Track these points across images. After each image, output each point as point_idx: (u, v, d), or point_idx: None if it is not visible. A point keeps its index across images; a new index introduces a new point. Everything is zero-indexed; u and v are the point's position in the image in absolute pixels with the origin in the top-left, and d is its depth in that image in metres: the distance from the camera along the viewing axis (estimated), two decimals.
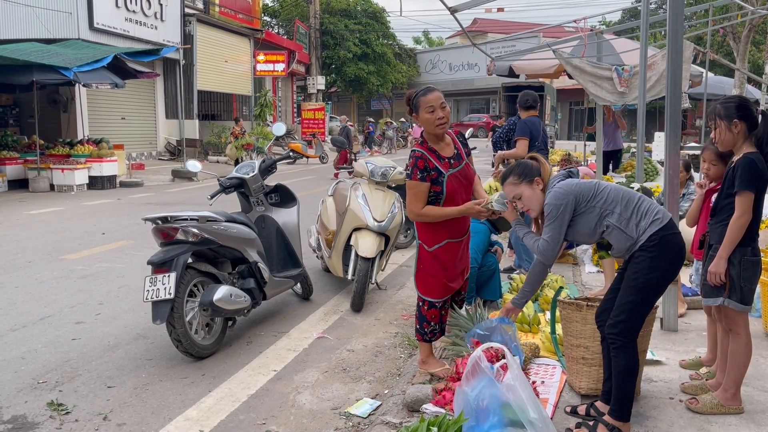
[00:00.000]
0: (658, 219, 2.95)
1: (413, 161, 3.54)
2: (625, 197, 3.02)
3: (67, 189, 13.87)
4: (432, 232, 3.66)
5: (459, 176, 3.61)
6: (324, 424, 3.40)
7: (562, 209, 3.02)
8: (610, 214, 3.00)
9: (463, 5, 6.81)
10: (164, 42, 19.49)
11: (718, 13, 12.73)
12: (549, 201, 3.06)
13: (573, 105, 39.95)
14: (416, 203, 3.54)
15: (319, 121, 29.84)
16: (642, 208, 2.99)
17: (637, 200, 3.02)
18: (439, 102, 3.52)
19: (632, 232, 2.96)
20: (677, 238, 2.99)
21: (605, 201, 3.02)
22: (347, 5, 39.12)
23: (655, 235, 2.92)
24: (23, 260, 7.15)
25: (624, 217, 2.98)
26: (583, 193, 3.04)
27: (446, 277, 3.73)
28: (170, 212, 4.33)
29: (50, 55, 13.24)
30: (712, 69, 15.59)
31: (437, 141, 3.61)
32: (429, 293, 3.75)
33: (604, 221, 3.01)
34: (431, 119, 3.50)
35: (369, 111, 45.97)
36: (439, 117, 3.50)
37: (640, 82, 6.06)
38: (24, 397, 3.73)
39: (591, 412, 3.17)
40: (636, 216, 2.97)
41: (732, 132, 3.14)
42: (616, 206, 3.00)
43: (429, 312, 3.78)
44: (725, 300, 3.16)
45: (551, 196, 3.06)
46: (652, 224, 2.94)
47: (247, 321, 5.04)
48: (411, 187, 3.55)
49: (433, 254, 3.68)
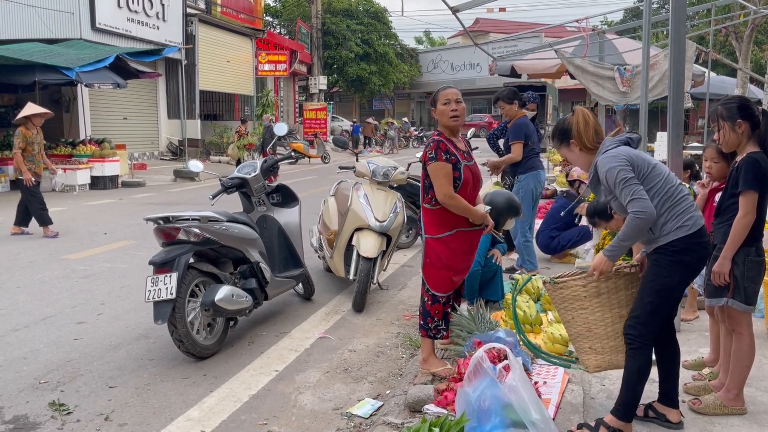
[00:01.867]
0: (687, 226, 2.85)
1: (435, 144, 3.64)
2: (669, 192, 2.89)
3: (69, 189, 13.88)
4: (444, 219, 3.70)
5: (471, 170, 3.74)
6: (325, 425, 3.39)
7: (621, 170, 2.82)
8: None
9: (464, 5, 6.81)
10: (166, 42, 19.50)
11: (720, 12, 12.72)
12: (604, 167, 2.87)
13: (575, 105, 39.89)
14: (448, 185, 3.60)
15: (321, 121, 29.85)
16: (677, 208, 2.87)
17: (678, 198, 2.89)
18: (455, 96, 3.71)
19: (656, 228, 2.88)
20: (702, 247, 2.92)
21: (652, 186, 2.87)
22: (349, 5, 39.09)
23: (677, 241, 2.85)
24: (25, 260, 7.16)
25: (660, 211, 2.86)
26: (638, 163, 2.88)
27: (452, 268, 3.75)
28: (172, 212, 4.33)
29: (52, 55, 13.26)
30: (715, 69, 15.55)
31: (453, 136, 3.77)
32: (436, 287, 3.79)
33: None
34: (446, 110, 3.68)
35: (371, 111, 45.96)
36: (453, 109, 3.67)
37: (642, 82, 6.05)
38: (26, 397, 3.73)
39: (650, 413, 3.12)
40: (667, 214, 2.87)
41: (736, 132, 3.15)
42: (657, 197, 2.86)
43: (433, 307, 3.81)
44: (729, 300, 3.16)
45: (604, 162, 2.88)
46: (678, 230, 2.86)
47: (248, 321, 5.04)
48: (439, 169, 3.61)
49: (443, 242, 3.71)
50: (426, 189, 3.75)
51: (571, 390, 3.50)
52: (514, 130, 6.17)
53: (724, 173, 3.57)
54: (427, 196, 3.75)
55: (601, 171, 2.90)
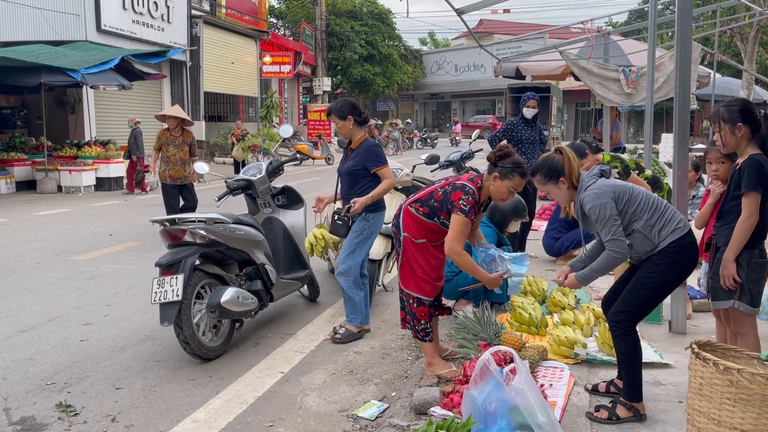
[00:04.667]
0: (680, 228, 3.06)
1: (472, 200, 3.51)
2: (653, 204, 3.11)
3: (75, 190, 13.93)
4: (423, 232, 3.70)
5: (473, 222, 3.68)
6: (331, 427, 3.40)
7: (605, 207, 3.04)
8: (638, 220, 3.09)
9: (469, 6, 6.80)
10: (171, 44, 19.55)
11: (725, 14, 12.69)
12: (589, 204, 3.08)
13: (579, 106, 39.84)
14: (460, 242, 3.53)
15: (325, 123, 29.86)
16: (666, 216, 3.09)
17: (663, 208, 3.12)
18: (521, 187, 3.58)
19: (654, 238, 3.07)
20: (694, 246, 3.12)
21: (637, 206, 3.10)
22: (353, 7, 39.14)
23: (675, 243, 3.04)
24: (31, 261, 7.19)
25: (650, 223, 3.07)
26: (619, 194, 3.10)
27: (432, 274, 3.75)
28: (178, 214, 4.34)
29: (58, 57, 13.31)
30: (720, 70, 15.50)
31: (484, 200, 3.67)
32: (418, 290, 3.75)
33: (631, 225, 3.10)
34: (505, 195, 3.56)
35: (375, 112, 45.99)
36: (507, 197, 3.58)
37: (648, 84, 6.04)
38: (32, 398, 3.74)
39: (611, 389, 3.39)
40: (660, 223, 3.07)
41: (736, 135, 3.19)
42: (645, 213, 3.09)
43: (419, 309, 3.78)
44: (736, 303, 3.18)
45: (590, 199, 3.08)
46: (674, 232, 3.05)
47: (254, 323, 5.05)
48: (461, 223, 3.51)
49: (419, 247, 3.72)
50: (432, 209, 3.65)
51: (578, 392, 3.49)
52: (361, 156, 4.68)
53: None
54: (424, 207, 3.68)
55: (586, 208, 3.11)
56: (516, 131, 7.01)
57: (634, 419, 3.12)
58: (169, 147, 8.02)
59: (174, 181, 8.02)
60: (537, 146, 7.12)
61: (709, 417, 2.58)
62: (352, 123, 4.63)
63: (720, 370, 2.51)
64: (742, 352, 2.85)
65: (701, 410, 2.62)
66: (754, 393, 2.45)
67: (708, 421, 2.59)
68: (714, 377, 2.54)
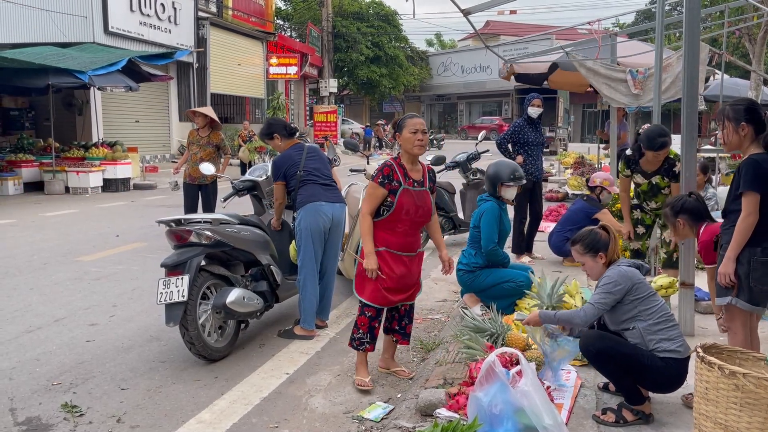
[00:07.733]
0: (680, 351, 3.08)
1: (381, 167, 3.83)
2: (664, 315, 3.15)
3: (82, 191, 13.98)
4: (375, 234, 3.81)
5: (414, 195, 3.80)
6: (337, 428, 3.39)
7: (620, 287, 3.15)
8: (642, 321, 3.13)
9: (476, 7, 6.78)
10: (178, 45, 19.62)
11: (733, 14, 12.62)
12: (612, 275, 3.20)
13: (586, 107, 39.69)
14: (368, 204, 3.78)
15: (331, 124, 29.87)
16: (672, 332, 3.12)
17: (671, 324, 3.14)
18: (422, 127, 3.80)
19: (650, 343, 3.10)
20: (683, 373, 3.11)
21: (647, 308, 3.14)
22: (360, 8, 39.18)
23: (667, 359, 3.06)
24: (38, 262, 7.21)
25: (653, 329, 3.11)
26: (639, 288, 3.17)
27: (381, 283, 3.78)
28: (184, 215, 4.34)
29: (65, 59, 13.37)
30: (728, 71, 15.41)
31: (410, 163, 3.85)
32: (362, 293, 3.86)
33: (634, 321, 3.14)
34: (412, 138, 3.76)
35: (381, 113, 46.01)
36: (419, 138, 3.76)
37: (655, 84, 6.00)
38: (38, 398, 3.75)
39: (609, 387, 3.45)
40: (661, 334, 3.10)
41: (739, 134, 3.22)
42: (652, 317, 3.13)
43: (359, 318, 3.89)
44: (734, 299, 3.21)
45: (616, 272, 3.20)
46: (672, 352, 3.06)
47: (259, 323, 5.04)
48: (370, 188, 3.83)
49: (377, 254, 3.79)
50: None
51: (584, 395, 3.47)
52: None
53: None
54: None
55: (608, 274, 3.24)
56: (522, 133, 7.00)
57: (640, 422, 3.10)
58: (193, 146, 8.05)
59: (193, 180, 8.01)
60: (541, 148, 7.10)
61: (716, 421, 2.55)
62: (281, 139, 4.98)
63: (725, 374, 2.47)
64: (748, 354, 2.82)
65: (708, 414, 2.58)
66: (761, 397, 2.42)
67: (714, 426, 2.56)
68: (719, 381, 2.51)
